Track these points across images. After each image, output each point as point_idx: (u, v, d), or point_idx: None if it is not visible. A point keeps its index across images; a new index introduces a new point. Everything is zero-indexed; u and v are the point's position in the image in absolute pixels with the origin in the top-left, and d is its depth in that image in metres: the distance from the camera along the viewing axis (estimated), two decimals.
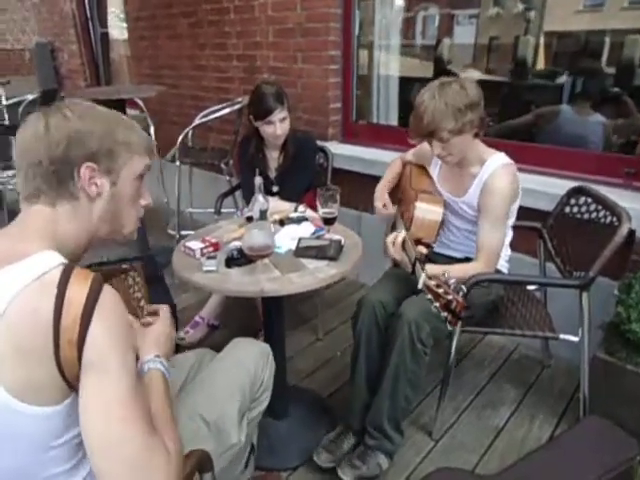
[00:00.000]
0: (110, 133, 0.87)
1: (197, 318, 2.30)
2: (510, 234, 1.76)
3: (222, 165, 3.06)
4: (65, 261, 0.78)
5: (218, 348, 1.35)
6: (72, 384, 0.73)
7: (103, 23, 4.64)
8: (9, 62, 6.31)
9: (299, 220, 1.68)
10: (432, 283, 1.21)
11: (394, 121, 2.93)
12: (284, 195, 2.25)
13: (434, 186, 1.77)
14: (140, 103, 3.44)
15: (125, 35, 4.21)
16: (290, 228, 1.64)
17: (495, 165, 1.58)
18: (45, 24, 4.97)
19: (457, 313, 1.15)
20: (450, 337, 1.65)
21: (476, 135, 1.58)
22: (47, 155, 0.81)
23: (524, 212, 1.76)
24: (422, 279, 1.24)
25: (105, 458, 0.72)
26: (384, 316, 1.63)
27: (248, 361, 1.30)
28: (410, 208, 1.66)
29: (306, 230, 1.61)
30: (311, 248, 1.49)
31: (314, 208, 2.23)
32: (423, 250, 1.52)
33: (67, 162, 0.83)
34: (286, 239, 1.56)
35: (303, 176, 2.26)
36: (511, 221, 1.69)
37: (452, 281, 1.19)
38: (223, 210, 2.37)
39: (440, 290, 1.18)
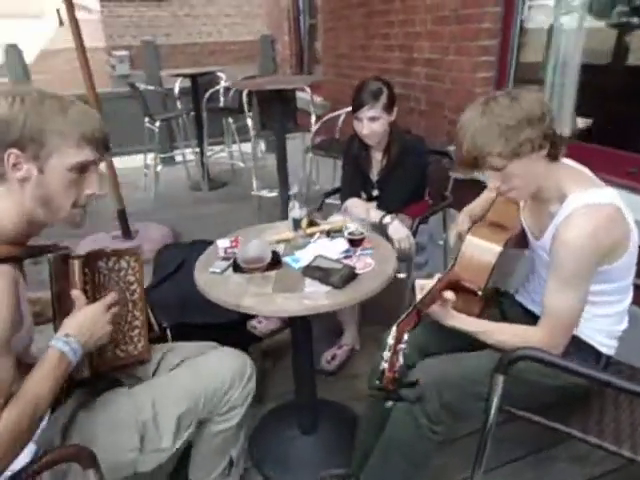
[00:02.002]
0: (39, 122, 0.92)
1: None
2: (626, 300, 1.26)
3: None
4: None
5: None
6: None
7: (313, 14, 4.95)
8: (241, 52, 7.34)
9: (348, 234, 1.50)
10: (391, 343, 0.98)
11: (566, 129, 2.34)
12: (382, 201, 2.08)
13: (516, 220, 1.38)
14: (308, 91, 3.56)
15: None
16: (321, 243, 1.50)
17: (575, 205, 1.14)
18: (270, 18, 5.59)
19: (384, 386, 0.91)
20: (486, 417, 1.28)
21: (552, 158, 1.17)
22: None
23: None
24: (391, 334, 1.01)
25: None
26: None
27: (218, 374, 1.27)
28: None
29: (336, 248, 1.45)
30: (320, 269, 1.33)
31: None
32: (448, 295, 1.21)
33: None
34: (309, 254, 1.43)
35: (405, 184, 2.04)
36: (611, 286, 1.20)
37: (402, 346, 0.94)
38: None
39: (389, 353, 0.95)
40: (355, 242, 1.39)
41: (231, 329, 2.21)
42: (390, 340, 1.02)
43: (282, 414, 1.86)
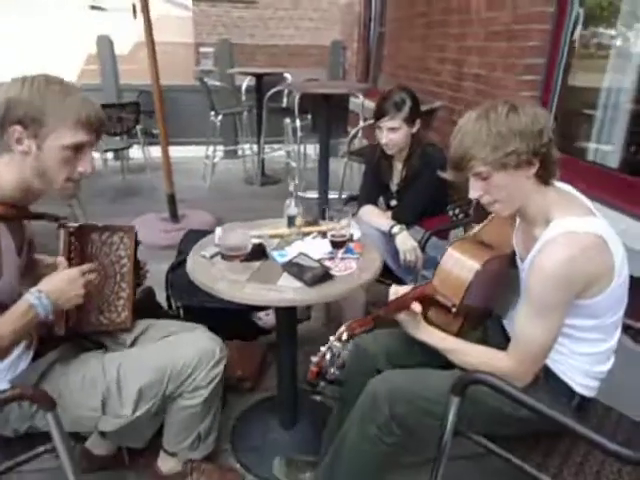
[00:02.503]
0: (39, 105, 1.06)
1: None
2: (611, 339, 1.19)
3: None
4: None
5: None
6: None
7: (383, 23, 4.97)
8: (319, 56, 7.44)
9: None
10: (331, 339, 1.01)
11: (613, 162, 2.17)
12: (398, 212, 2.07)
13: (507, 242, 1.34)
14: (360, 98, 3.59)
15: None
16: (309, 242, 1.53)
17: (555, 232, 1.09)
18: (344, 25, 5.67)
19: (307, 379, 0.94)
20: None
21: (541, 179, 1.13)
22: None
23: None
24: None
25: None
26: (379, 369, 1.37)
27: (187, 352, 1.34)
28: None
29: (321, 248, 1.48)
30: (297, 266, 1.37)
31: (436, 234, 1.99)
32: (416, 308, 1.20)
33: (2, 123, 1.06)
34: (294, 251, 1.47)
35: (422, 196, 2.02)
36: (592, 322, 1.14)
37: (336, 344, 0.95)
38: None
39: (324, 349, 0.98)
40: (337, 244, 1.41)
41: (240, 318, 2.31)
42: (331, 337, 1.04)
43: (266, 406, 1.91)
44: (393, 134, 1.90)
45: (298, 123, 3.68)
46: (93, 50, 5.51)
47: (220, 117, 4.54)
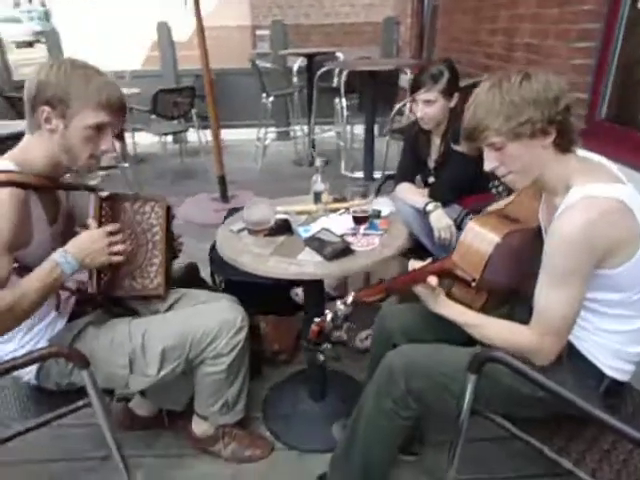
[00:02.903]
0: (66, 87, 1.14)
1: None
2: None
3: None
4: (7, 168, 1.14)
5: None
6: None
7: None
8: (375, 33, 7.25)
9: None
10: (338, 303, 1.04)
11: None
12: (434, 189, 2.03)
13: (534, 216, 1.28)
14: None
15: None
16: (334, 218, 1.54)
17: (574, 197, 1.04)
18: (397, 0, 5.50)
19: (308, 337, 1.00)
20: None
21: (560, 148, 1.08)
22: (27, 97, 1.16)
23: None
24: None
25: None
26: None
27: (208, 321, 1.41)
28: None
29: (345, 224, 1.48)
30: (319, 241, 1.39)
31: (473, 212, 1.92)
32: (432, 281, 1.18)
33: (34, 103, 1.15)
34: (318, 226, 1.49)
35: (458, 173, 1.95)
36: (618, 296, 1.08)
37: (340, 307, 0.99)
38: None
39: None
40: (359, 219, 1.41)
41: (277, 293, 2.37)
42: (339, 301, 1.05)
43: (299, 379, 1.96)
44: (428, 107, 1.84)
45: (344, 102, 3.64)
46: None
47: (271, 99, 4.60)
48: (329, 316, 1.02)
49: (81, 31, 8.91)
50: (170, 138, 5.48)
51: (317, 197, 1.58)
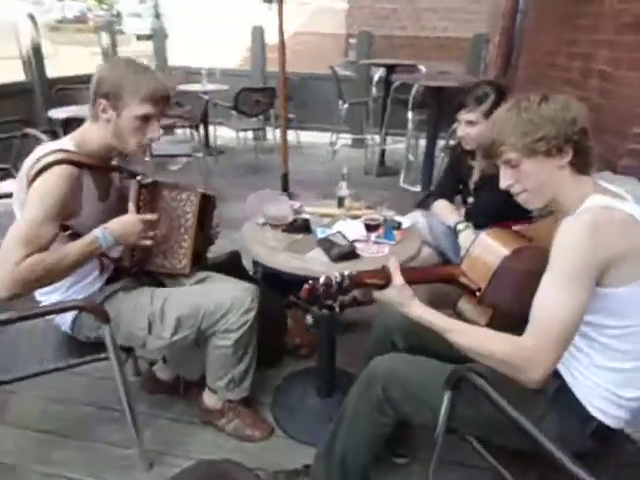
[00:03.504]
0: (117, 83, 1.33)
1: None
2: None
3: None
4: (67, 148, 1.33)
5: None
6: None
7: (528, 14, 4.61)
8: (461, 50, 7.10)
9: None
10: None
11: None
12: (471, 211, 2.02)
13: (549, 237, 1.26)
14: None
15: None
16: (350, 223, 1.60)
17: (589, 204, 1.06)
18: (491, 16, 5.37)
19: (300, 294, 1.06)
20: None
21: (577, 169, 1.10)
22: (91, 90, 1.36)
23: None
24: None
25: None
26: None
27: (222, 296, 1.54)
28: None
29: (359, 230, 1.54)
30: (329, 242, 1.46)
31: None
32: (396, 281, 1.17)
33: (94, 97, 1.35)
34: (334, 229, 1.56)
35: (496, 197, 1.91)
36: (620, 323, 1.05)
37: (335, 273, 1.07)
38: None
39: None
40: (370, 227, 1.46)
41: None
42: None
43: (312, 373, 2.03)
44: (470, 128, 1.85)
45: (410, 115, 3.67)
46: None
47: (346, 106, 4.71)
48: (322, 279, 1.06)
49: (186, 30, 9.64)
50: (251, 134, 5.78)
51: (340, 202, 1.66)
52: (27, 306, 1.38)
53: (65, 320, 1.51)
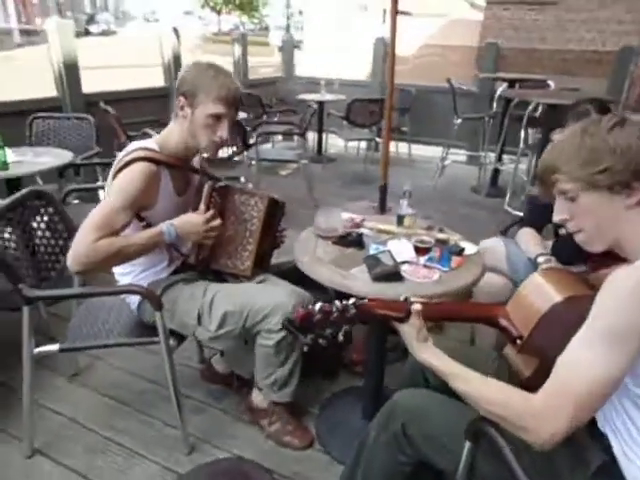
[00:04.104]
0: (196, 83, 1.44)
1: None
2: None
3: None
4: (150, 147, 1.48)
5: None
6: None
7: None
8: (605, 65, 6.32)
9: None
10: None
11: None
12: (557, 244, 1.82)
13: None
14: None
15: None
16: (404, 243, 1.52)
17: None
18: None
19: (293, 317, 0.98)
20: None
21: None
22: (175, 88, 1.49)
23: None
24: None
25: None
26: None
27: (266, 299, 1.57)
28: None
29: (405, 252, 1.46)
30: (375, 260, 1.39)
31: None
32: (415, 307, 1.05)
33: (176, 95, 1.48)
34: (386, 247, 1.51)
35: None
36: None
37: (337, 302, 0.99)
38: None
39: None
40: (419, 250, 1.37)
41: None
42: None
43: (359, 391, 1.97)
44: None
45: (522, 134, 3.39)
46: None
47: (459, 121, 4.51)
48: (318, 305, 0.97)
49: (320, 42, 10.06)
50: (364, 144, 5.83)
51: (400, 220, 1.59)
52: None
53: (134, 301, 1.67)
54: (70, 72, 3.60)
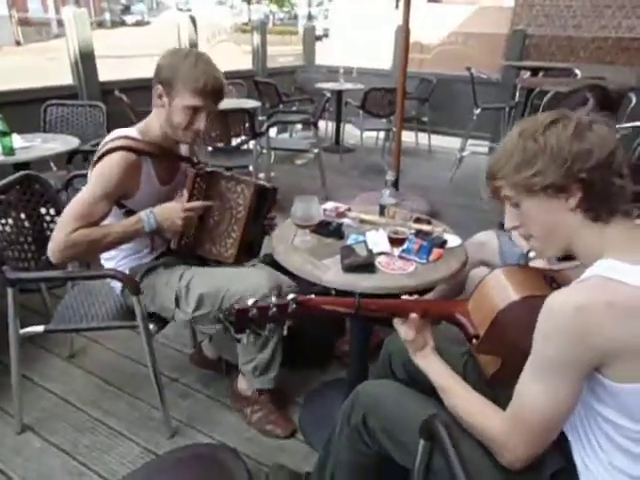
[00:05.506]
0: (175, 72, 1.40)
1: None
2: None
3: None
4: (132, 135, 1.47)
5: None
6: None
7: None
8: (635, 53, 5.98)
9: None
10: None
11: None
12: None
13: None
14: None
15: None
16: (379, 234, 1.48)
17: (594, 271, 0.82)
18: None
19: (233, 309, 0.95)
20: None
21: (590, 216, 0.87)
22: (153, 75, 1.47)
23: None
24: None
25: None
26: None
27: (245, 281, 1.55)
28: None
29: (381, 243, 1.42)
30: (350, 251, 1.36)
31: None
32: (411, 315, 1.04)
33: (153, 82, 1.45)
34: (362, 237, 1.47)
35: None
36: (629, 423, 0.82)
37: (272, 298, 0.97)
38: None
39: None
40: (393, 241, 1.34)
41: None
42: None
43: (342, 384, 1.95)
44: None
45: None
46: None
47: (478, 111, 4.38)
48: (250, 301, 0.94)
49: (348, 31, 9.93)
50: (382, 134, 5.74)
51: (382, 210, 1.55)
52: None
53: (118, 287, 1.69)
54: (86, 60, 3.67)
